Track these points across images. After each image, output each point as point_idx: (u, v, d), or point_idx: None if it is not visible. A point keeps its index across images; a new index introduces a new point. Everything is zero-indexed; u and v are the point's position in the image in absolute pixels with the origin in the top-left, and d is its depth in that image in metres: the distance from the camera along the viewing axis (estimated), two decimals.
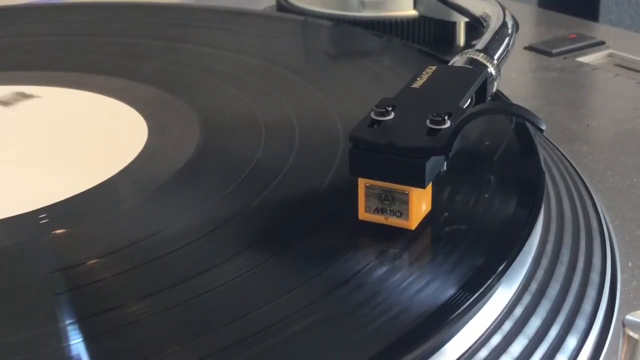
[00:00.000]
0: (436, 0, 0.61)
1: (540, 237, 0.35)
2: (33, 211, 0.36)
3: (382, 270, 0.30)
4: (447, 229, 0.33)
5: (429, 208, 0.34)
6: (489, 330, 0.30)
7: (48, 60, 0.55)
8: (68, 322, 0.29)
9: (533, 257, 0.34)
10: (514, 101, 0.46)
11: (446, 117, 0.33)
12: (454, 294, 0.29)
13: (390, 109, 0.34)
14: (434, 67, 0.39)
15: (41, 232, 0.35)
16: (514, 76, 0.59)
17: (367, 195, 0.33)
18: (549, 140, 0.48)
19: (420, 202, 0.33)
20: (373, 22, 0.63)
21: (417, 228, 0.33)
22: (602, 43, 0.65)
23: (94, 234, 0.35)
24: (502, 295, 0.31)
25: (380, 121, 0.33)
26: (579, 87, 0.58)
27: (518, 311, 0.31)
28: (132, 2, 0.70)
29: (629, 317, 0.27)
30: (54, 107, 0.48)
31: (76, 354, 0.27)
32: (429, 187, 0.33)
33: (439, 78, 0.38)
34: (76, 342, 0.28)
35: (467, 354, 0.28)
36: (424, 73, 0.38)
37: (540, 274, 0.33)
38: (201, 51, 0.56)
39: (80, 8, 0.67)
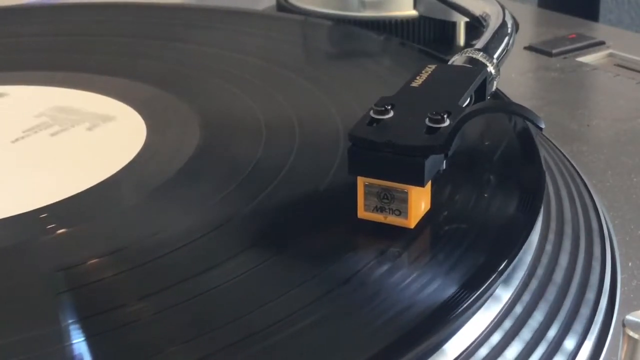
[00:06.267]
0: (436, 0, 0.61)
1: (540, 236, 0.35)
2: (33, 211, 0.36)
3: (382, 269, 0.30)
4: (446, 228, 0.33)
5: (428, 207, 0.34)
6: (488, 329, 0.30)
7: (48, 60, 0.55)
8: (68, 322, 0.29)
9: (533, 256, 0.34)
10: (514, 101, 0.46)
11: (445, 116, 0.33)
12: (454, 293, 0.29)
13: (389, 107, 0.34)
14: (433, 66, 0.38)
15: (41, 232, 0.35)
16: (514, 76, 0.59)
17: (366, 194, 0.33)
18: (549, 140, 0.48)
19: (420, 201, 0.33)
20: (373, 22, 0.63)
21: (416, 227, 0.33)
22: (602, 43, 0.65)
23: (94, 233, 0.34)
24: (501, 295, 0.31)
25: (380, 120, 0.33)
26: (579, 87, 0.58)
27: (517, 310, 0.31)
28: (132, 2, 0.70)
29: (629, 317, 0.27)
30: (53, 107, 0.48)
31: (77, 354, 0.27)
32: (428, 185, 0.33)
33: (438, 77, 0.38)
34: (76, 342, 0.27)
35: (466, 353, 0.28)
36: (423, 72, 0.38)
37: (540, 273, 0.33)
38: (201, 51, 0.56)
39: (80, 8, 0.67)
